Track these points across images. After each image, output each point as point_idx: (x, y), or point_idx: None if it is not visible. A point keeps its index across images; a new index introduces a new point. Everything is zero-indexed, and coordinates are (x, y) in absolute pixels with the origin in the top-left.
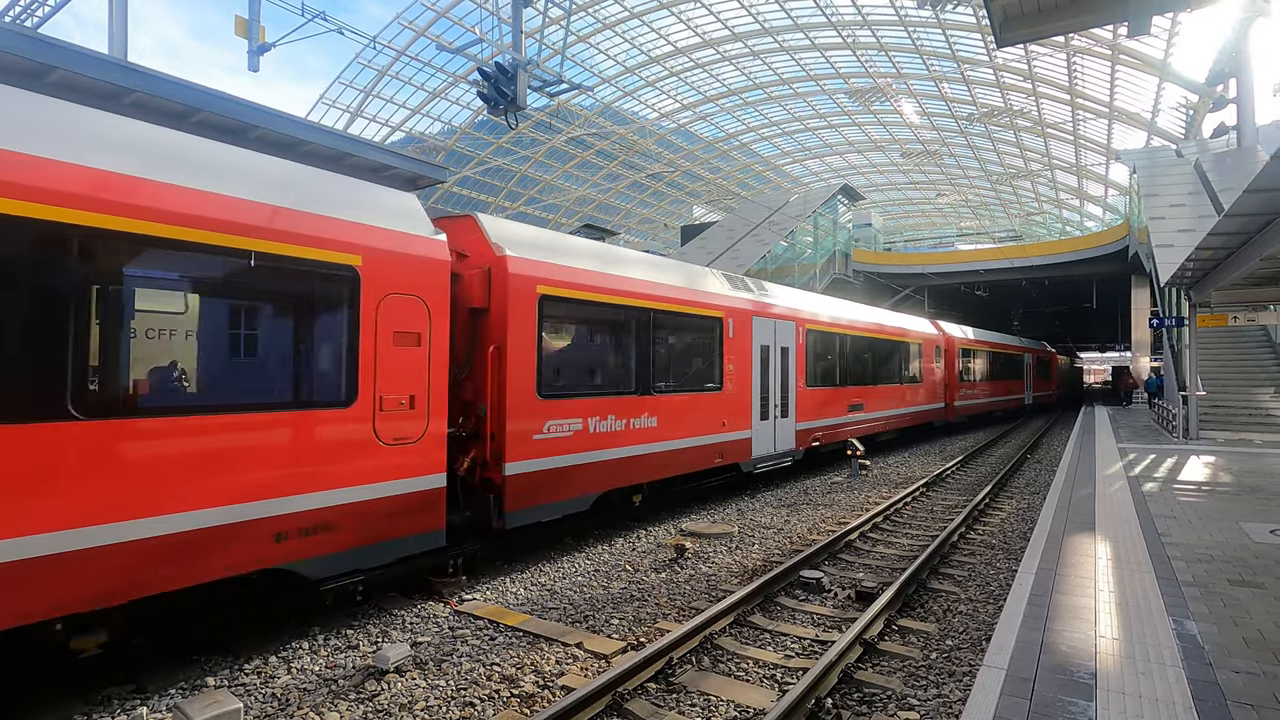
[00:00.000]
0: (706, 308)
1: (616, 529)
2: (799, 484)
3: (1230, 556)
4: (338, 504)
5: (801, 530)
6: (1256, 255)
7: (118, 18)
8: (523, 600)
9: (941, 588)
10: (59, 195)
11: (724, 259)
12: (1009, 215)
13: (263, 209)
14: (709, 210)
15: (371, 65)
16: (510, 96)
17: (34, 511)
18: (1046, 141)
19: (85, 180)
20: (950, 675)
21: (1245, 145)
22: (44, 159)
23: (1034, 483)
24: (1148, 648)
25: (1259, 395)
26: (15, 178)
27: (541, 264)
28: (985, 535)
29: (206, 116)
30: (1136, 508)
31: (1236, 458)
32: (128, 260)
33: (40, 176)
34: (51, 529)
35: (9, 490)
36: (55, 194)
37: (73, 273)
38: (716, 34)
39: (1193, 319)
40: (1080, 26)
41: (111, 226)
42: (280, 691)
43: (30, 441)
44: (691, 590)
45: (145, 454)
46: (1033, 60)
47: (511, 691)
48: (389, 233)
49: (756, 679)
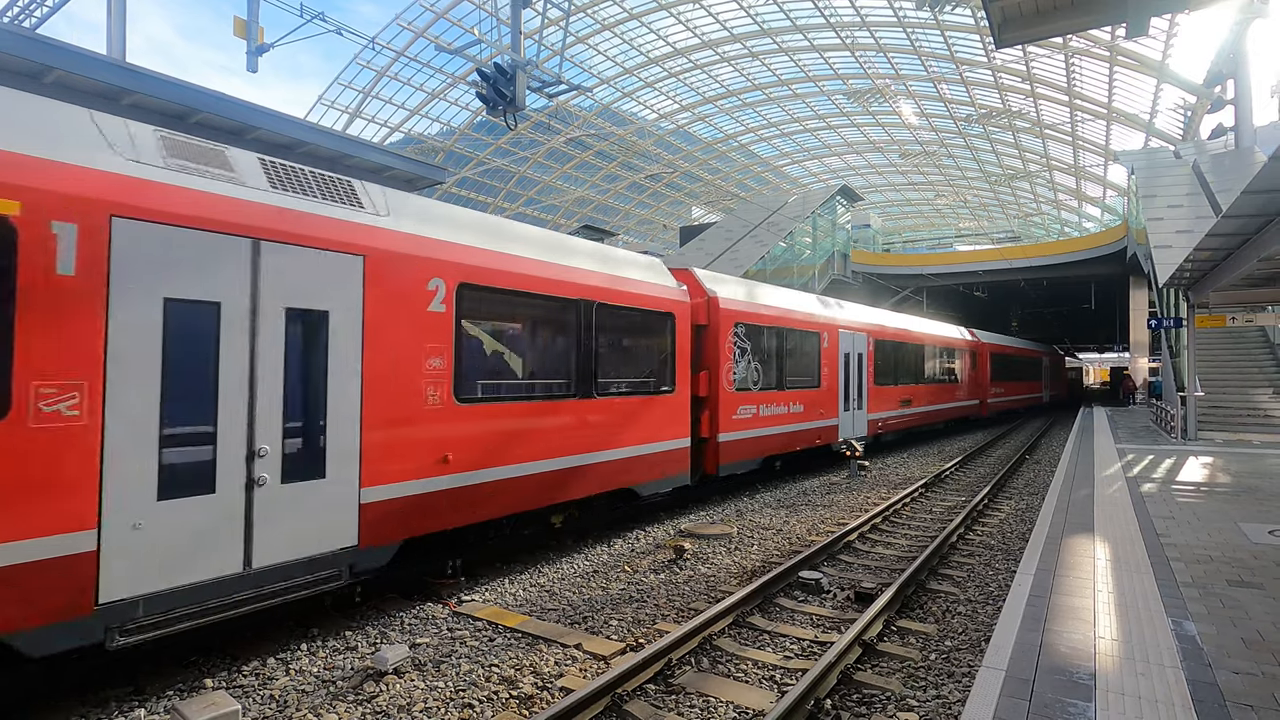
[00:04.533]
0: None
1: (616, 530)
2: (798, 485)
3: (1229, 557)
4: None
5: (800, 531)
6: (1254, 256)
7: (116, 18)
8: (521, 601)
9: (941, 589)
10: None
11: (723, 260)
12: (1007, 216)
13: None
14: (708, 211)
15: (370, 66)
16: (509, 97)
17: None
18: (1045, 142)
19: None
20: (949, 676)
21: (1243, 146)
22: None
23: (1033, 483)
24: (1147, 648)
25: (1257, 396)
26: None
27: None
28: (984, 536)
29: (205, 117)
30: (1135, 508)
31: (1235, 458)
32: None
33: None
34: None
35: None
36: None
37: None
38: (715, 35)
39: (1191, 320)
40: (1079, 28)
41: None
42: (278, 693)
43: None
44: (690, 591)
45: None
46: (1031, 61)
47: (510, 693)
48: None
49: (756, 680)
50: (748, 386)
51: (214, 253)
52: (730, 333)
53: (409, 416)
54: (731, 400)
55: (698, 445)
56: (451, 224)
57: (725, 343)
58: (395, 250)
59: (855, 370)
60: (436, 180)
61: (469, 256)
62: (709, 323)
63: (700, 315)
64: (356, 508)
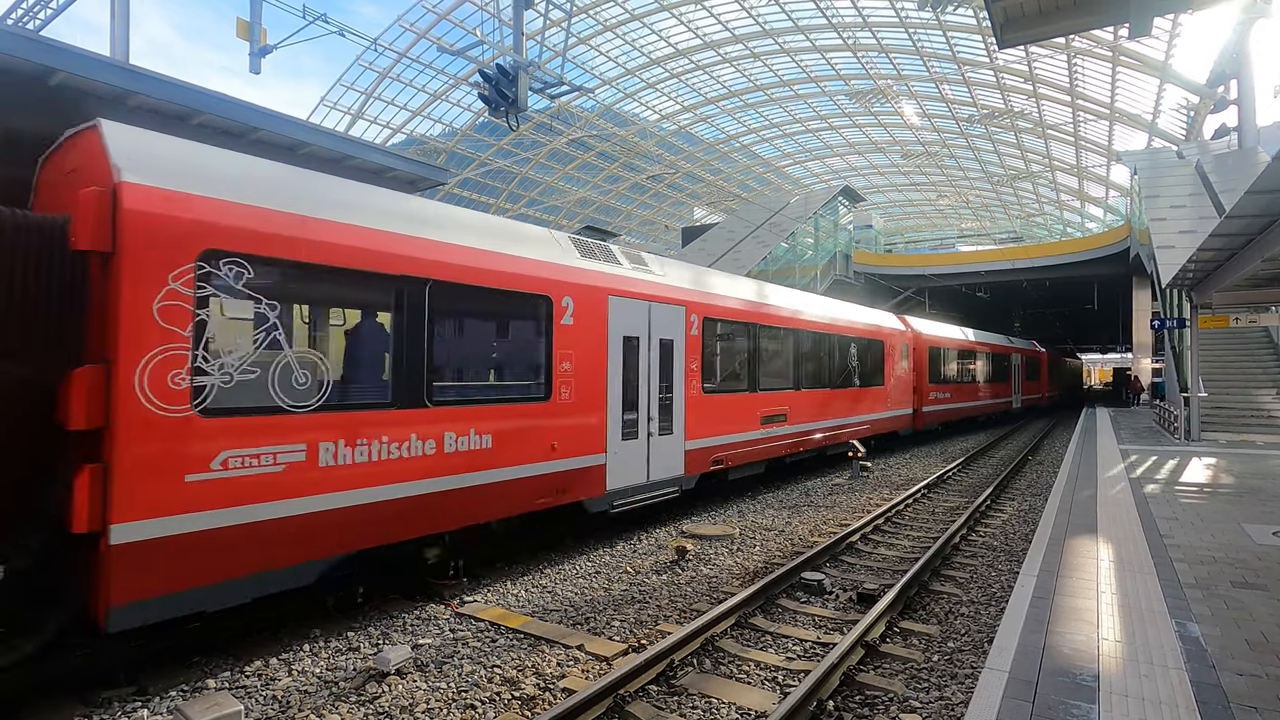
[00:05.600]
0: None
1: (617, 531)
2: (800, 485)
3: (1232, 558)
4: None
5: (803, 532)
6: (1258, 256)
7: (119, 19)
8: (524, 602)
9: (943, 590)
10: None
11: (725, 260)
12: (1010, 217)
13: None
14: (710, 212)
15: (372, 68)
16: (511, 98)
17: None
18: (1047, 143)
19: None
20: (952, 677)
21: (1246, 146)
22: None
23: (1035, 484)
24: (1150, 650)
25: (1261, 397)
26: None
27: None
28: (987, 537)
29: (208, 119)
30: (1138, 509)
31: (1238, 459)
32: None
33: None
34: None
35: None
36: None
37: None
38: (717, 36)
39: (1194, 320)
40: (1081, 28)
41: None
42: (281, 694)
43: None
44: (693, 592)
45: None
46: (1033, 62)
47: (513, 694)
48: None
49: (758, 681)
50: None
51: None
52: (926, 352)
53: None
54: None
55: None
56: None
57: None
58: (687, 300)
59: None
60: (439, 181)
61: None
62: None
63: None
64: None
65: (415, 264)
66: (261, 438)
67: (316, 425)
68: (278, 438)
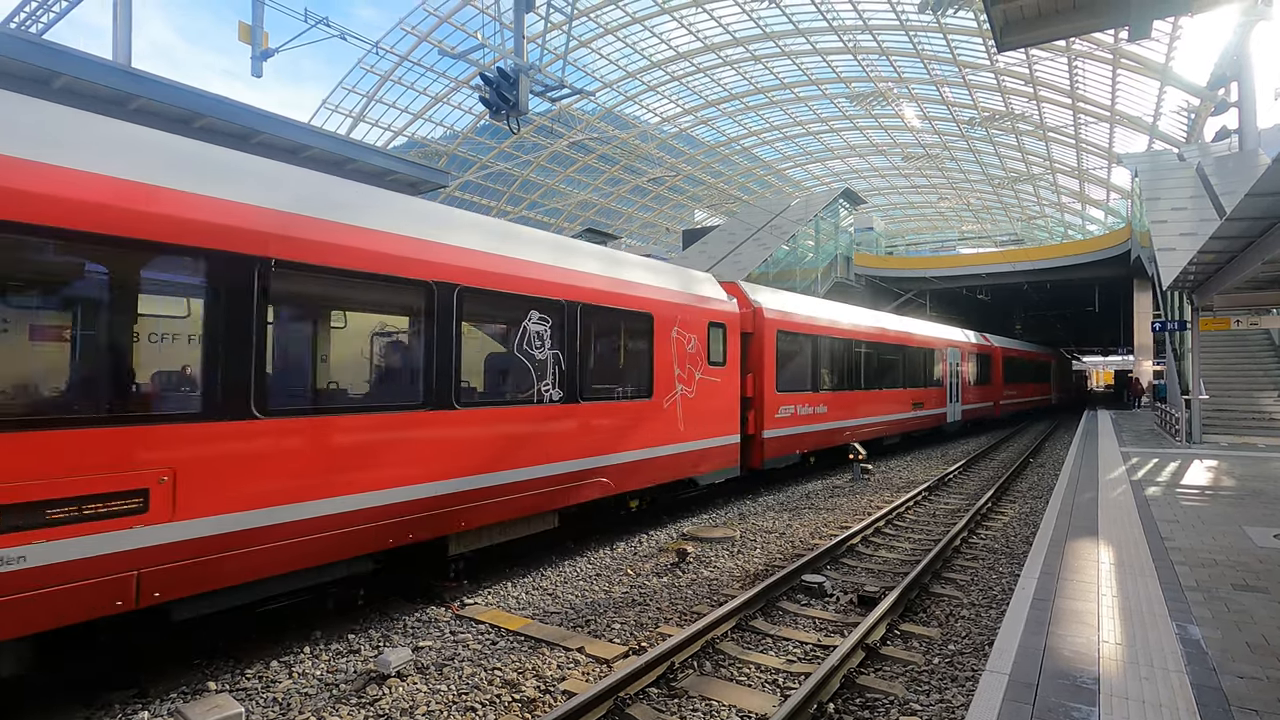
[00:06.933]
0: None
1: (618, 533)
2: (801, 488)
3: (1233, 561)
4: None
5: (803, 534)
6: (1259, 258)
7: (121, 22)
8: (524, 604)
9: (944, 592)
10: None
11: (725, 263)
12: (1010, 219)
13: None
14: (711, 214)
15: (374, 71)
16: (512, 101)
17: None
18: (1048, 145)
19: None
20: (953, 680)
21: (1247, 149)
22: None
23: (1036, 487)
24: (1151, 653)
25: (1262, 399)
26: None
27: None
28: (988, 540)
29: (210, 122)
30: (1139, 512)
31: (1239, 462)
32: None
33: None
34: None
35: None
36: None
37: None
38: (718, 38)
39: (1195, 322)
40: (1081, 30)
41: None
42: (282, 696)
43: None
44: (693, 594)
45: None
46: (1034, 64)
47: (513, 696)
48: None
49: (758, 684)
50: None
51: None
52: (774, 338)
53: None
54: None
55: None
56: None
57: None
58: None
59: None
60: (439, 184)
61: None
62: (755, 330)
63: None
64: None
65: (839, 332)
66: (792, 403)
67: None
68: (806, 403)
